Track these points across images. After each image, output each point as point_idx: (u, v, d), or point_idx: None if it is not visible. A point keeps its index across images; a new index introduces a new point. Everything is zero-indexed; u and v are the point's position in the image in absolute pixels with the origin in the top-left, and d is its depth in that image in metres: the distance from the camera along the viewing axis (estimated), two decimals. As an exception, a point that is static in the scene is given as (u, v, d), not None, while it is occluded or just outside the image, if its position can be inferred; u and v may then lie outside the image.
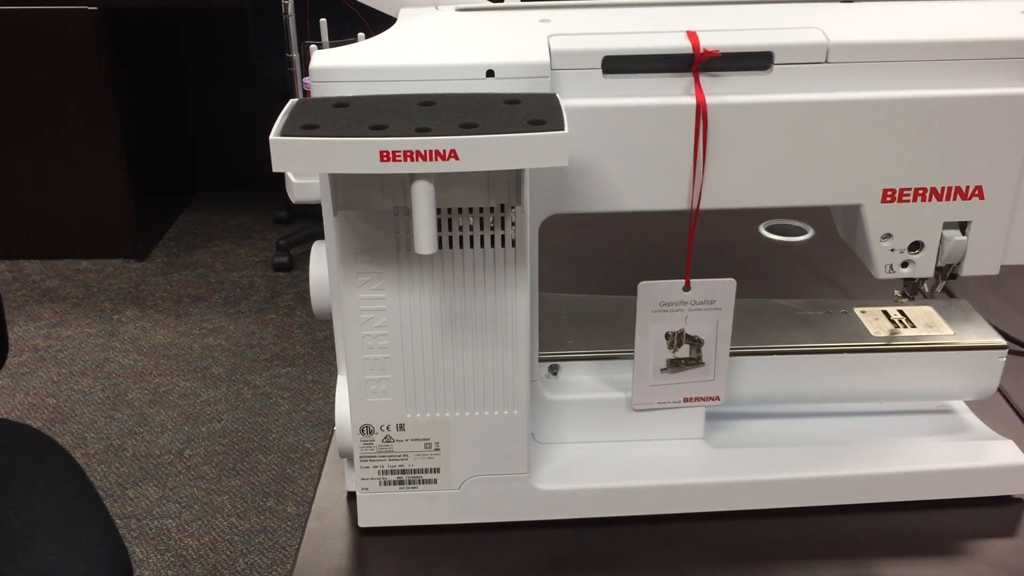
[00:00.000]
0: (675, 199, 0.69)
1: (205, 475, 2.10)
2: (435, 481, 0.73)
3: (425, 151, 0.56)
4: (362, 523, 0.74)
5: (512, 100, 0.61)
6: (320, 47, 0.67)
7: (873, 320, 0.82)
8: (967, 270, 0.72)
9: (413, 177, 0.58)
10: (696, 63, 0.65)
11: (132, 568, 0.94)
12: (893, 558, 0.72)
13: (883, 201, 0.69)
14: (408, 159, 0.56)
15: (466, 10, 0.73)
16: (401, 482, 0.73)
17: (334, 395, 0.73)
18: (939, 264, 0.72)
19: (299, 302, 2.79)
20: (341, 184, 0.63)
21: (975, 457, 0.78)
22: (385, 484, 0.73)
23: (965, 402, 0.84)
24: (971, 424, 0.82)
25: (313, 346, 2.57)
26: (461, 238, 0.65)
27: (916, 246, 0.71)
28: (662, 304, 0.72)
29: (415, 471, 0.73)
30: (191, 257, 3.08)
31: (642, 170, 0.67)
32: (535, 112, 0.59)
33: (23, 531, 0.79)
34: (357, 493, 0.73)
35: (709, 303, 0.73)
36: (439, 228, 0.64)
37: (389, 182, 0.63)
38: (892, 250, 0.71)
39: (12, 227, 2.99)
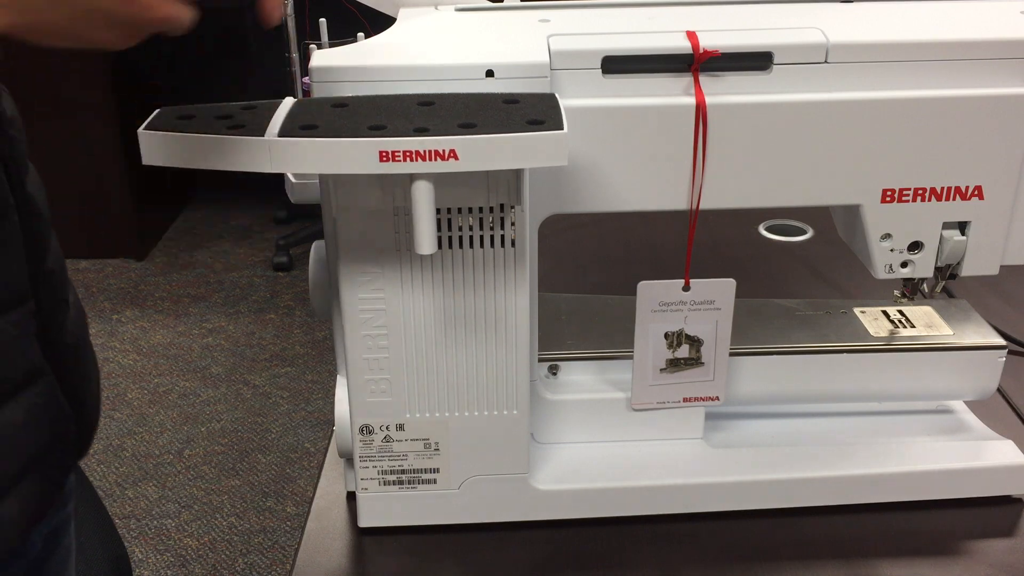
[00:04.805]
0: (675, 199, 0.69)
1: (204, 475, 2.09)
2: (435, 481, 0.73)
3: (424, 151, 0.55)
4: (362, 523, 0.74)
5: (511, 100, 0.61)
6: (320, 47, 0.67)
7: (873, 320, 0.82)
8: (967, 270, 0.72)
9: (413, 177, 0.58)
10: (696, 63, 0.65)
11: (132, 568, 0.93)
12: (893, 558, 0.72)
13: (883, 201, 0.69)
14: (407, 159, 0.56)
15: (466, 10, 0.73)
16: (401, 482, 0.73)
17: (334, 395, 0.73)
18: (939, 264, 0.72)
19: (299, 302, 2.79)
20: (340, 184, 0.63)
21: (974, 457, 0.78)
22: (385, 484, 0.73)
23: (965, 402, 0.84)
24: (970, 424, 0.82)
25: (313, 346, 2.57)
26: (461, 238, 0.65)
27: (916, 246, 0.71)
28: (661, 304, 0.72)
29: (415, 471, 0.73)
30: (191, 257, 3.08)
31: (642, 170, 0.67)
32: (534, 112, 0.59)
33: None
34: (357, 493, 0.73)
35: (709, 303, 0.73)
36: (439, 228, 0.64)
37: (388, 182, 0.63)
38: (892, 250, 0.71)
39: (12, 227, 2.98)
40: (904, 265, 0.72)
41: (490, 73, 0.63)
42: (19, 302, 0.65)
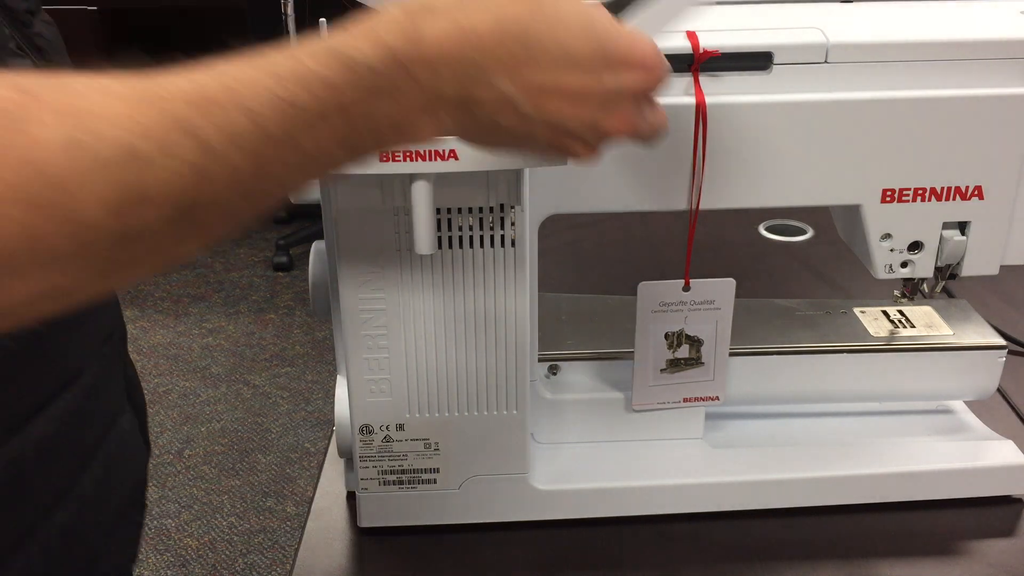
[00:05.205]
0: (675, 199, 0.68)
1: (205, 475, 2.09)
2: (435, 481, 0.73)
3: (424, 151, 0.55)
4: (362, 523, 0.74)
5: (512, 100, 0.61)
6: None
7: (873, 320, 0.82)
8: (967, 270, 0.72)
9: (412, 177, 0.58)
10: (696, 63, 0.65)
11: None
12: (893, 558, 0.72)
13: (883, 201, 0.69)
14: (407, 159, 0.56)
15: (466, 10, 0.73)
16: (401, 482, 0.73)
17: (334, 395, 0.73)
18: (939, 264, 0.72)
19: (298, 302, 2.79)
20: (340, 184, 0.63)
21: (974, 457, 0.78)
22: (385, 484, 0.73)
23: (965, 402, 0.84)
24: (971, 424, 0.82)
25: (313, 346, 2.57)
26: (461, 238, 0.65)
27: (916, 246, 0.71)
28: (662, 304, 0.72)
29: (415, 471, 0.73)
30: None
31: (642, 170, 0.67)
32: (535, 112, 0.59)
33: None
34: (357, 493, 0.73)
35: (709, 303, 0.73)
36: (439, 228, 0.64)
37: (388, 182, 0.63)
38: (892, 250, 0.71)
39: (12, 227, 2.98)
40: (904, 265, 0.72)
41: (490, 73, 0.63)
42: (113, 329, 0.63)
